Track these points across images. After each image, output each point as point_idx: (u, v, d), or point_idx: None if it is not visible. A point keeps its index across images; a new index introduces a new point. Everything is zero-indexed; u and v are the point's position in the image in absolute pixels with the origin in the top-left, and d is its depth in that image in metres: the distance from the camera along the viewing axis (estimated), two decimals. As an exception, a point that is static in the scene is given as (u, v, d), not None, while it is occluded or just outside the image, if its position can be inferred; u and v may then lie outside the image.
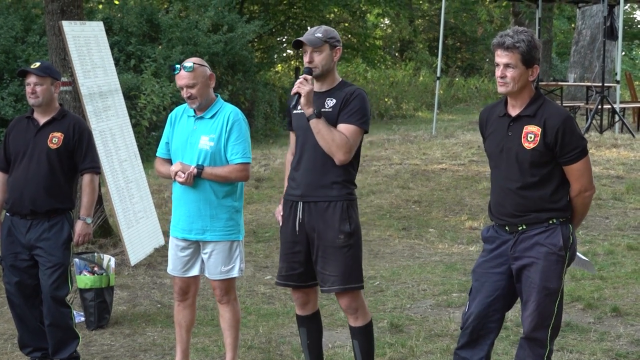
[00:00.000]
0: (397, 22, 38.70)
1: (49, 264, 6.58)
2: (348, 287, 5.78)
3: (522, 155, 5.19)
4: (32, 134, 6.63)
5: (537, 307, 5.24)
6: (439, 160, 15.91)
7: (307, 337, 6.10)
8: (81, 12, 10.05)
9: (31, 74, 6.57)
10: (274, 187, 13.76)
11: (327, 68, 5.77)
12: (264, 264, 9.90)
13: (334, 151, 5.64)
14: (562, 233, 5.22)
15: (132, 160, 10.26)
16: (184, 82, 6.06)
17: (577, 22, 27.16)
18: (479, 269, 5.46)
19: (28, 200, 6.55)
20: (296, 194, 5.85)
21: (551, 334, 5.30)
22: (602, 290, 8.40)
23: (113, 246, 9.98)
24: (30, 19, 21.21)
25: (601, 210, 12.14)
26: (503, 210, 5.32)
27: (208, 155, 6.06)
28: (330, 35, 5.77)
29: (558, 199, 5.23)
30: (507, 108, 5.31)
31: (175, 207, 6.24)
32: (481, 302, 5.39)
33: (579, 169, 5.20)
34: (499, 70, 5.19)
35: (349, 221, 5.74)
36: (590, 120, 18.54)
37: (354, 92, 5.74)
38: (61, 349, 6.72)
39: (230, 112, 6.14)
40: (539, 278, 5.21)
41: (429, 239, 10.99)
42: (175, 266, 6.27)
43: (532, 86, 5.28)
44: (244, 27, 23.73)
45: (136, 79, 19.83)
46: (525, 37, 5.16)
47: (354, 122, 5.68)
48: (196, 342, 7.24)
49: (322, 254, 5.77)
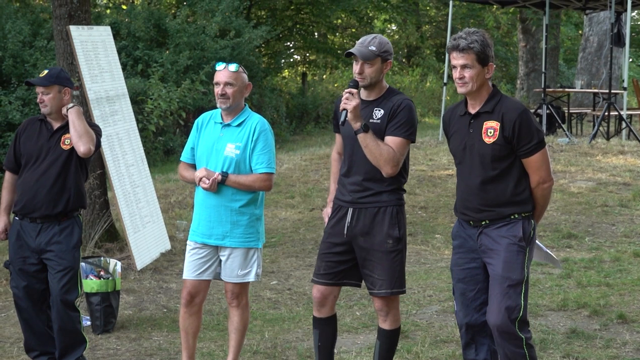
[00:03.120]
0: (404, 28, 38.68)
1: (59, 268, 6.58)
2: (395, 291, 5.86)
3: (484, 150, 5.36)
4: (45, 138, 6.64)
5: (502, 298, 5.31)
6: (445, 166, 15.90)
7: (319, 339, 6.13)
8: (89, 16, 10.07)
9: (39, 85, 6.61)
10: (280, 193, 13.75)
11: (376, 80, 5.80)
12: (270, 269, 9.90)
13: (382, 165, 5.67)
14: (523, 226, 5.37)
15: (138, 165, 10.28)
16: (223, 79, 6.10)
17: (585, 29, 27.15)
18: (455, 267, 5.60)
19: (40, 203, 6.56)
20: (346, 200, 5.89)
21: (519, 327, 5.33)
22: (608, 297, 8.39)
23: (119, 250, 9.99)
24: (38, 24, 21.27)
25: (608, 217, 12.12)
26: (468, 205, 5.48)
27: (233, 162, 6.11)
28: (384, 49, 5.78)
29: (519, 192, 5.38)
30: (467, 107, 5.48)
31: (197, 211, 6.28)
32: (465, 298, 5.54)
33: (537, 161, 5.35)
34: (457, 72, 5.35)
35: (398, 226, 5.81)
36: (597, 127, 18.51)
37: (401, 104, 5.77)
38: (68, 353, 6.72)
39: (257, 122, 6.19)
40: (501, 269, 5.32)
41: (435, 245, 10.99)
42: (190, 269, 6.28)
43: (489, 84, 5.45)
44: (251, 32, 23.78)
45: (143, 83, 19.86)
46: (478, 37, 5.33)
47: (401, 134, 5.72)
48: (202, 347, 7.25)
49: (371, 257, 5.82)
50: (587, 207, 12.57)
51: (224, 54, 22.29)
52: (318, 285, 6.01)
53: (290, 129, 26.22)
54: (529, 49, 28.73)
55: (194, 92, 20.59)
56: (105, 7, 27.84)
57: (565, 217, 11.97)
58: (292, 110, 28.30)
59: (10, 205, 6.81)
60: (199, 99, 20.92)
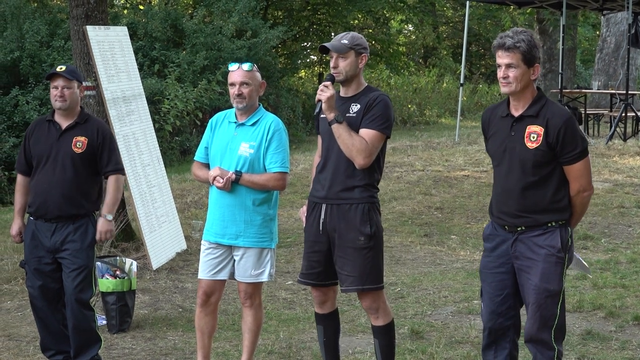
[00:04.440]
0: (421, 29, 38.70)
1: (74, 267, 6.59)
2: (365, 287, 5.87)
3: (525, 154, 5.25)
4: (54, 138, 6.63)
5: (538, 309, 5.29)
6: (461, 167, 15.88)
7: (323, 335, 6.19)
8: (106, 17, 10.09)
9: (60, 76, 6.59)
10: (296, 193, 13.77)
11: (351, 74, 5.84)
12: (285, 269, 9.90)
13: (354, 155, 5.71)
14: (560, 235, 5.30)
15: (155, 165, 10.30)
16: (239, 79, 6.11)
17: (602, 30, 27.07)
18: (485, 269, 5.54)
19: (53, 205, 6.56)
20: (320, 196, 5.93)
21: (555, 336, 5.32)
22: (624, 299, 8.36)
23: (135, 250, 10.01)
24: (55, 24, 21.32)
25: (624, 218, 12.08)
26: (504, 209, 5.39)
27: (247, 161, 6.12)
28: (357, 42, 5.84)
29: (558, 200, 5.30)
30: (510, 108, 5.38)
31: (211, 211, 6.29)
32: (492, 302, 5.48)
33: (579, 169, 5.27)
34: (501, 71, 5.26)
35: (370, 223, 5.81)
36: (614, 128, 18.46)
37: (377, 98, 5.80)
38: (83, 351, 6.73)
39: (271, 122, 6.20)
40: (539, 280, 5.26)
41: (450, 246, 10.97)
42: (205, 268, 6.29)
43: (534, 86, 5.35)
44: (267, 32, 23.78)
45: (160, 83, 19.88)
46: (525, 37, 5.23)
47: (375, 127, 5.75)
48: (217, 347, 7.25)
49: (342, 254, 5.85)
50: (604, 209, 12.52)
51: (241, 54, 22.30)
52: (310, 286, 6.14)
53: (307, 129, 26.21)
54: (546, 49, 28.65)
55: (210, 92, 20.63)
56: (122, 8, 27.91)
57: (582, 218, 11.92)
58: (309, 110, 28.26)
59: (23, 208, 6.82)
60: (216, 99, 20.94)
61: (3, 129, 18.10)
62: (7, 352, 7.31)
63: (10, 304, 8.81)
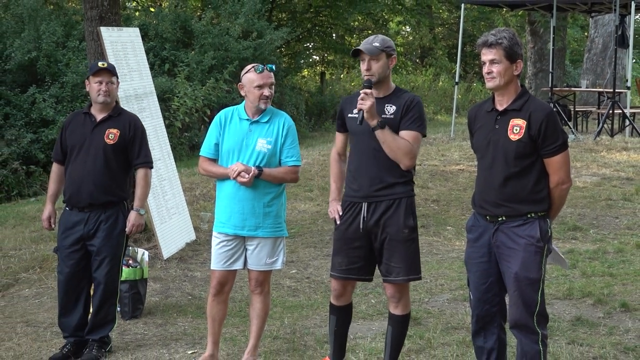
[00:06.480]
0: (418, 30, 38.65)
1: (104, 254, 6.62)
2: (412, 277, 5.88)
3: (508, 146, 5.28)
4: (89, 129, 6.67)
5: (520, 296, 5.30)
6: (456, 162, 15.87)
7: (335, 325, 6.16)
8: (119, 18, 10.08)
9: (105, 71, 6.63)
10: (299, 186, 13.74)
11: (383, 76, 5.81)
12: (289, 258, 9.88)
13: (400, 158, 5.71)
14: (539, 226, 5.31)
15: (165, 160, 10.29)
16: (268, 81, 6.13)
17: (590, 31, 27.01)
18: (469, 260, 5.57)
19: (86, 194, 6.59)
20: (359, 195, 5.86)
21: (537, 320, 5.32)
22: (612, 287, 8.35)
23: (147, 240, 10.00)
24: (70, 25, 21.32)
25: (611, 210, 12.06)
26: (486, 198, 5.41)
27: (265, 157, 6.12)
28: (387, 45, 5.82)
29: (538, 191, 5.31)
30: (495, 104, 5.40)
31: (227, 204, 6.22)
32: (477, 290, 5.51)
33: (559, 162, 5.29)
34: (486, 67, 5.29)
35: (412, 216, 5.84)
36: (602, 125, 18.43)
37: (413, 100, 5.81)
38: (96, 329, 6.77)
39: (285, 118, 6.25)
40: (519, 268, 5.27)
41: (446, 236, 10.96)
42: (220, 260, 6.27)
43: (517, 82, 5.37)
44: (272, 33, 23.79)
45: (170, 82, 19.90)
46: (507, 35, 5.27)
47: (415, 129, 5.76)
48: (225, 332, 7.24)
49: (388, 246, 5.82)
50: (592, 201, 12.51)
51: (247, 55, 22.30)
52: (338, 279, 6.03)
53: (310, 126, 26.21)
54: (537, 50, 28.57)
55: (218, 90, 20.64)
56: (134, 10, 27.89)
57: (571, 210, 11.92)
58: (311, 107, 28.29)
59: (55, 195, 6.85)
60: (223, 96, 20.95)
61: (21, 125, 18.12)
62: (25, 338, 7.31)
63: (28, 292, 8.81)
